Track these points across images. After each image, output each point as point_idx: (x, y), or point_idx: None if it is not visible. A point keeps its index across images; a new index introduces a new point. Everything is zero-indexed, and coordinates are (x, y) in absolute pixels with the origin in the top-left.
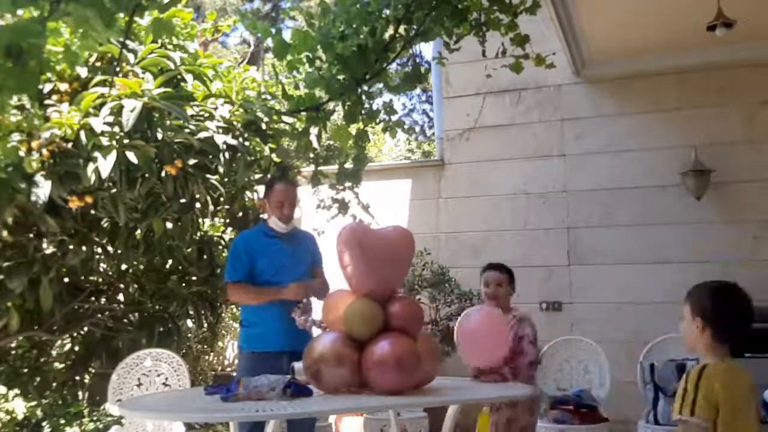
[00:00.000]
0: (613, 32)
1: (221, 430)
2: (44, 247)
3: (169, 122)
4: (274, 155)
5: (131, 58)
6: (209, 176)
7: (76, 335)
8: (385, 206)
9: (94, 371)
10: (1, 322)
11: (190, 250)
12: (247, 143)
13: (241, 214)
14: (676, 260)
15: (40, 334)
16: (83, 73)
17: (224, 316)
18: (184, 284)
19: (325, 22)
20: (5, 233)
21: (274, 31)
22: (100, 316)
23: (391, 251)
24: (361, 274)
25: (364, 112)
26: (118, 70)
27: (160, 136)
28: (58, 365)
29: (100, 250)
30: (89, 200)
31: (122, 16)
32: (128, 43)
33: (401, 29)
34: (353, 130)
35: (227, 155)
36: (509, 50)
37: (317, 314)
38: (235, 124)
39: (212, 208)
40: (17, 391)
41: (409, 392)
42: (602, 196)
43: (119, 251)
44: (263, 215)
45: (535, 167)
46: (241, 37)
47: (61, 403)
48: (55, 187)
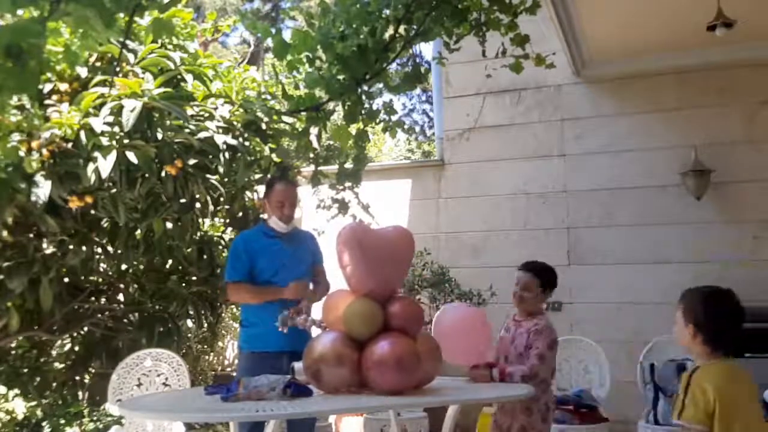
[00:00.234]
0: (613, 32)
1: (221, 430)
2: (44, 247)
3: (169, 122)
4: (274, 155)
5: (131, 58)
6: (209, 176)
7: (76, 335)
8: (385, 206)
9: (94, 371)
10: (1, 322)
11: (190, 250)
12: (247, 143)
13: (241, 214)
14: (676, 260)
15: (40, 334)
16: (83, 73)
17: (224, 316)
18: (184, 284)
19: (325, 22)
20: (5, 233)
21: (274, 31)
22: (100, 316)
23: (391, 251)
24: (360, 274)
25: (364, 112)
26: (118, 70)
27: (160, 136)
28: (58, 365)
29: (100, 250)
30: (89, 200)
31: (122, 16)
32: (128, 43)
33: (401, 29)
34: (353, 130)
35: (227, 155)
36: (509, 50)
37: (317, 314)
38: (235, 124)
39: (212, 208)
40: (17, 391)
41: (409, 392)
42: (602, 196)
43: (119, 251)
44: (263, 215)
45: (535, 167)
46: (241, 37)
47: (61, 403)
48: (55, 187)
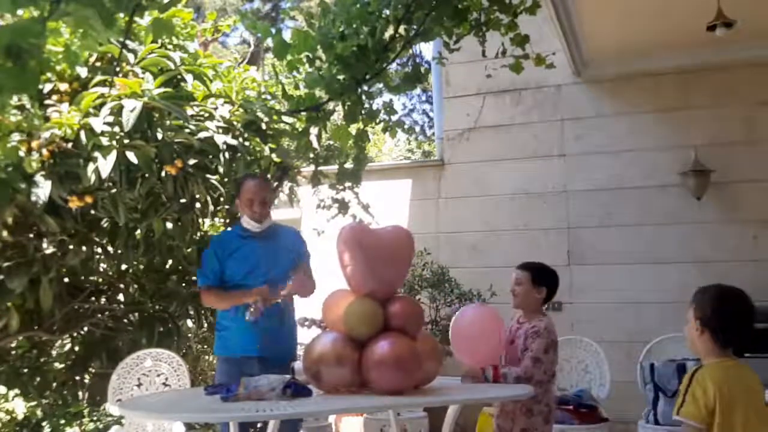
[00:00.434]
0: (613, 32)
1: (221, 430)
2: (44, 247)
3: (169, 122)
4: (274, 155)
5: (131, 58)
6: (209, 176)
7: (76, 335)
8: (385, 206)
9: (94, 371)
10: (1, 322)
11: (190, 250)
12: (247, 143)
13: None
14: (676, 260)
15: (40, 334)
16: (83, 73)
17: None
18: (184, 284)
19: (325, 22)
20: (5, 233)
21: (274, 31)
22: (100, 316)
23: (391, 251)
24: (361, 274)
25: (364, 112)
26: (118, 70)
27: (160, 136)
28: (58, 365)
29: (100, 250)
30: (89, 200)
31: (122, 16)
32: (128, 43)
33: (401, 29)
34: (353, 130)
35: (227, 155)
36: (509, 50)
37: (317, 314)
38: (235, 124)
39: (212, 208)
40: (17, 391)
41: (409, 392)
42: (602, 196)
43: (119, 251)
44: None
45: (535, 167)
46: (241, 37)
47: (61, 403)
48: (55, 187)
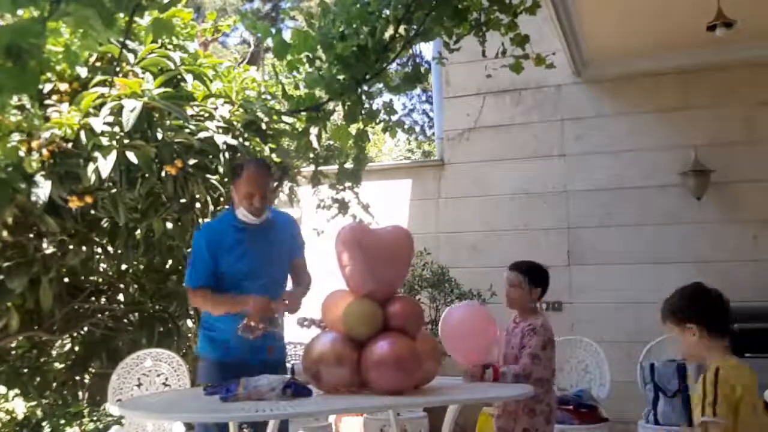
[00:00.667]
0: (613, 32)
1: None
2: (44, 247)
3: (169, 122)
4: (274, 155)
5: (131, 58)
6: (209, 176)
7: (76, 335)
8: (385, 206)
9: (94, 371)
10: (1, 322)
11: (189, 250)
12: (247, 143)
13: None
14: (676, 260)
15: (40, 334)
16: (83, 73)
17: None
18: (184, 284)
19: (325, 22)
20: (5, 233)
21: (274, 31)
22: (100, 316)
23: (390, 251)
24: (360, 274)
25: (364, 112)
26: (118, 70)
27: (160, 136)
28: (58, 365)
29: (100, 250)
30: (89, 200)
31: (122, 16)
32: (128, 43)
33: (401, 29)
34: (353, 130)
35: (227, 155)
36: (509, 50)
37: (317, 314)
38: (235, 124)
39: (212, 208)
40: (17, 391)
41: (409, 392)
42: (602, 196)
43: (119, 251)
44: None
45: (535, 167)
46: (241, 37)
47: (61, 403)
48: (55, 187)
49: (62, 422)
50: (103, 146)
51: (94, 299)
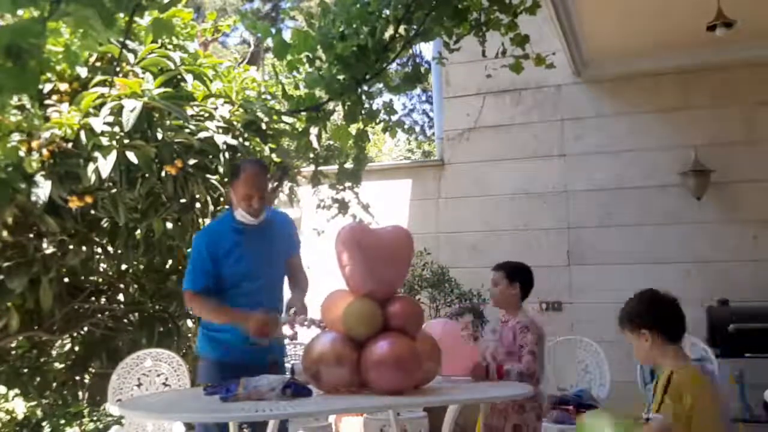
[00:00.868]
0: (613, 32)
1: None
2: (44, 247)
3: (169, 122)
4: (274, 155)
5: (131, 58)
6: (209, 176)
7: (76, 335)
8: (385, 206)
9: (94, 371)
10: (1, 322)
11: (189, 250)
12: (247, 143)
13: None
14: (676, 260)
15: (40, 334)
16: (83, 73)
17: None
18: (183, 288)
19: (325, 22)
20: (5, 233)
21: (274, 31)
22: (100, 316)
23: (390, 251)
24: (360, 274)
25: (364, 112)
26: (118, 70)
27: (160, 136)
28: (58, 365)
29: (100, 250)
30: (89, 200)
31: (122, 16)
32: (128, 43)
33: (401, 29)
34: (353, 130)
35: (227, 155)
36: (509, 50)
37: (316, 314)
38: (235, 124)
39: (212, 208)
40: (17, 391)
41: (409, 392)
42: (602, 196)
43: (119, 251)
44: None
45: (535, 167)
46: (241, 37)
47: (61, 403)
48: (55, 187)
49: (62, 422)
50: (103, 146)
51: (94, 299)
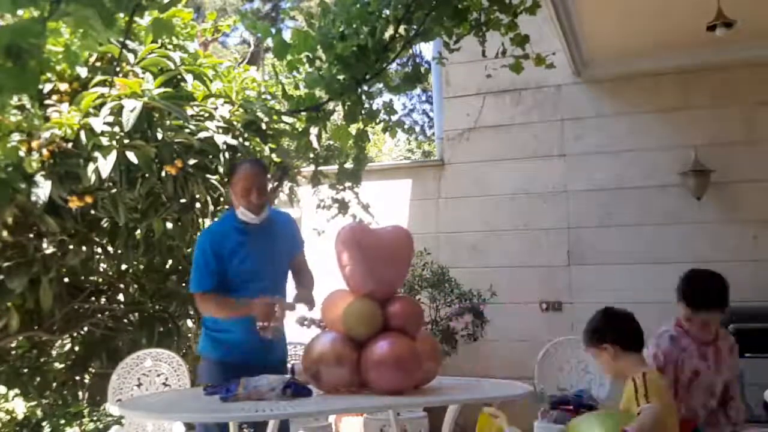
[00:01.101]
0: (613, 32)
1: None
2: (44, 247)
3: (169, 122)
4: (274, 155)
5: (131, 58)
6: (209, 176)
7: (76, 335)
8: (385, 206)
9: (94, 371)
10: (1, 322)
11: (190, 250)
12: (247, 143)
13: None
14: (676, 260)
15: (40, 334)
16: (83, 73)
17: None
18: (184, 284)
19: (325, 22)
20: (5, 233)
21: (274, 31)
22: (100, 316)
23: (390, 251)
24: (360, 274)
25: (364, 112)
26: (118, 70)
27: (160, 136)
28: (58, 365)
29: (100, 250)
30: (89, 200)
31: (122, 16)
32: (128, 43)
33: (401, 29)
34: (353, 130)
35: (227, 155)
36: (509, 50)
37: (317, 314)
38: (235, 124)
39: (212, 208)
40: (17, 391)
41: (409, 392)
42: (602, 196)
43: (119, 251)
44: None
45: (535, 167)
46: (241, 37)
47: (61, 403)
48: (55, 187)
49: (62, 422)
50: (103, 146)
51: (94, 299)
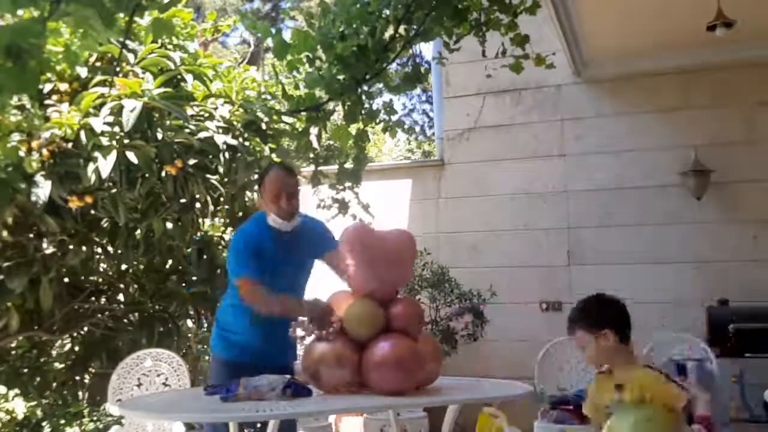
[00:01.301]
0: (613, 32)
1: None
2: (44, 247)
3: (169, 122)
4: (274, 155)
5: (131, 58)
6: (209, 176)
7: (76, 335)
8: (385, 206)
9: (94, 371)
10: (1, 322)
11: (190, 250)
12: (247, 143)
13: (241, 214)
14: (676, 260)
15: (40, 334)
16: (83, 73)
17: None
18: (184, 284)
19: (325, 22)
20: (5, 233)
21: (274, 31)
22: (100, 316)
23: (393, 253)
24: (362, 274)
25: (364, 112)
26: (118, 70)
27: (160, 136)
28: (58, 365)
29: (100, 250)
30: (89, 200)
31: (122, 16)
32: (128, 43)
33: (401, 29)
34: (353, 130)
35: (227, 155)
36: (509, 50)
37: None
38: (235, 124)
39: (212, 208)
40: (17, 391)
41: (409, 392)
42: (602, 196)
43: (119, 251)
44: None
45: (535, 167)
46: (241, 37)
47: (61, 403)
48: (55, 187)
49: (62, 422)
50: (103, 146)
51: (94, 299)
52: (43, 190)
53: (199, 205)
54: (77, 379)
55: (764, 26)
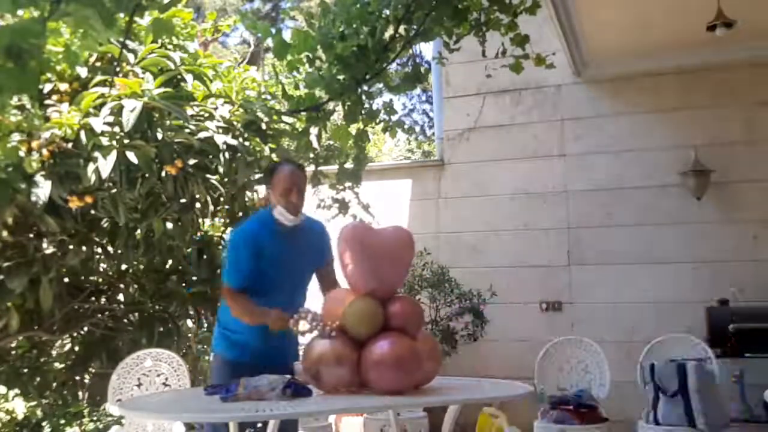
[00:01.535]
0: (613, 32)
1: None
2: (44, 247)
3: (169, 122)
4: (274, 155)
5: (131, 58)
6: (209, 176)
7: (76, 335)
8: (385, 206)
9: (94, 371)
10: (1, 322)
11: (190, 250)
12: (247, 143)
13: (241, 214)
14: (676, 260)
15: (40, 334)
16: (83, 73)
17: None
18: (184, 284)
19: (325, 22)
20: (5, 233)
21: (274, 31)
22: (100, 316)
23: (392, 251)
24: (361, 273)
25: (364, 112)
26: (118, 70)
27: (160, 136)
28: (58, 365)
29: (100, 250)
30: (89, 200)
31: (122, 16)
32: (128, 43)
33: (401, 29)
34: (353, 130)
35: (227, 155)
36: (509, 50)
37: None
38: (235, 124)
39: (212, 208)
40: (17, 391)
41: (409, 392)
42: (602, 196)
43: (119, 251)
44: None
45: (535, 167)
46: (241, 37)
47: (61, 403)
48: (55, 187)
49: (62, 422)
50: (103, 146)
51: (94, 299)
52: (43, 190)
53: (199, 205)
54: (77, 379)
55: (764, 26)
